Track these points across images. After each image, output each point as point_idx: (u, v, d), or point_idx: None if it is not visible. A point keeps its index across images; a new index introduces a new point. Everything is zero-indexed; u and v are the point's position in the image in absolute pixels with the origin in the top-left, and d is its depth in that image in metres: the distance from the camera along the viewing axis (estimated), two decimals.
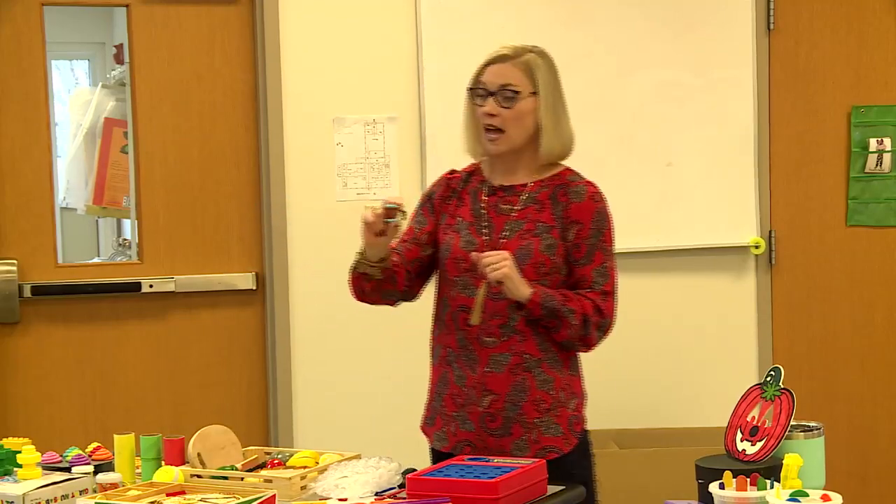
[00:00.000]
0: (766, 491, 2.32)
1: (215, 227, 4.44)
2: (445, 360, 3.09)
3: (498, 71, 3.04)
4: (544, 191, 3.03)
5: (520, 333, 2.97)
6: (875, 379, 4.84)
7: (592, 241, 2.99)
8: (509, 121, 3.01)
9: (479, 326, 2.97)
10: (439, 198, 3.15)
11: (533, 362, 2.98)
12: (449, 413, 3.07)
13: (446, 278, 3.08)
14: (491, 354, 2.99)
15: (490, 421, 3.00)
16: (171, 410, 4.39)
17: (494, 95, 3.02)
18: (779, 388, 2.61)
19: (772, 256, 4.80)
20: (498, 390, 2.98)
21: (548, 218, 2.99)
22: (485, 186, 3.10)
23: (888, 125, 4.77)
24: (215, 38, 4.41)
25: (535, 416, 2.98)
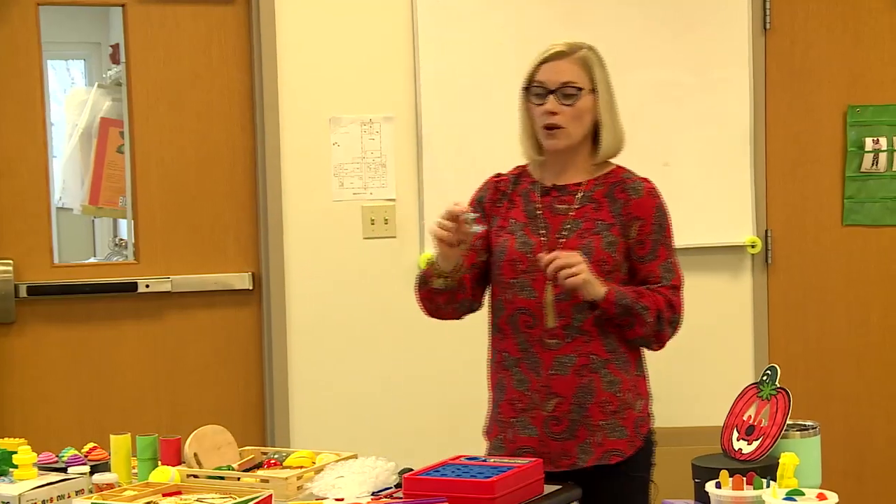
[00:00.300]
0: (763, 490, 2.32)
1: (211, 227, 4.44)
2: (502, 366, 3.03)
3: (555, 68, 2.98)
4: (599, 189, 2.99)
5: (585, 334, 2.93)
6: (871, 378, 4.84)
7: (655, 236, 2.95)
8: (570, 118, 2.96)
9: (542, 328, 2.93)
10: (489, 201, 3.09)
11: (599, 363, 2.93)
12: (506, 419, 3.01)
13: (501, 281, 3.01)
14: (555, 356, 2.93)
15: (554, 425, 2.94)
16: (168, 410, 4.39)
17: (554, 93, 2.97)
18: (775, 388, 2.61)
19: (768, 256, 4.80)
20: (563, 393, 2.93)
21: (606, 216, 2.95)
22: (536, 187, 3.04)
23: (884, 125, 4.77)
24: (212, 38, 4.41)
25: (601, 418, 2.93)
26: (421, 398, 4.54)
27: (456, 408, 4.55)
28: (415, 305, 4.54)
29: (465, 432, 4.51)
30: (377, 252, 4.50)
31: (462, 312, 3.11)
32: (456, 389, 4.55)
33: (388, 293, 4.50)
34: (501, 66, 4.55)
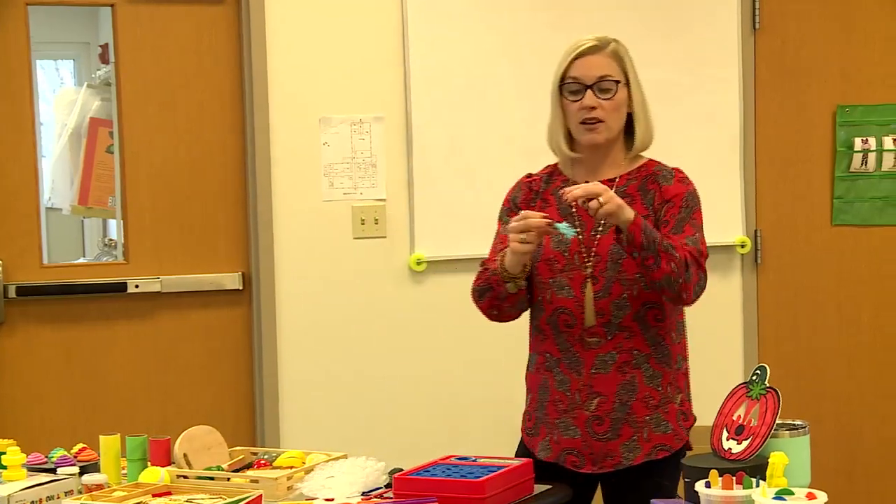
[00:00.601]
0: (752, 489, 2.32)
1: (202, 227, 4.43)
2: (544, 367, 2.99)
3: (589, 63, 2.96)
4: (633, 183, 2.97)
5: (626, 330, 2.90)
6: (861, 377, 4.85)
7: (682, 216, 2.91)
8: (609, 112, 2.94)
9: (582, 327, 2.90)
10: (523, 202, 3.06)
11: (642, 358, 2.91)
12: (552, 421, 2.98)
13: (539, 281, 2.98)
14: (597, 355, 2.91)
15: (597, 425, 2.91)
16: (158, 411, 4.38)
17: (591, 88, 2.94)
18: (764, 387, 2.61)
19: (758, 255, 4.81)
20: (606, 391, 2.90)
21: (640, 209, 2.92)
22: (569, 185, 2.98)
23: (873, 125, 4.78)
24: (201, 38, 4.40)
25: (645, 413, 2.91)
26: (411, 398, 4.54)
27: (446, 408, 4.56)
28: (405, 305, 4.57)
29: (456, 432, 4.53)
30: (367, 252, 4.50)
31: (522, 310, 3.05)
32: (447, 390, 4.56)
33: (379, 293, 4.50)
34: (492, 66, 4.56)
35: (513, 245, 2.84)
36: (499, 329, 3.30)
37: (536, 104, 4.55)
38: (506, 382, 4.53)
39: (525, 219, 2.82)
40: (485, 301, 3.00)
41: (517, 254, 2.85)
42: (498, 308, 3.00)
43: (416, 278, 4.54)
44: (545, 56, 4.54)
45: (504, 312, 3.01)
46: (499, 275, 2.92)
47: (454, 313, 4.52)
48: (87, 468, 2.87)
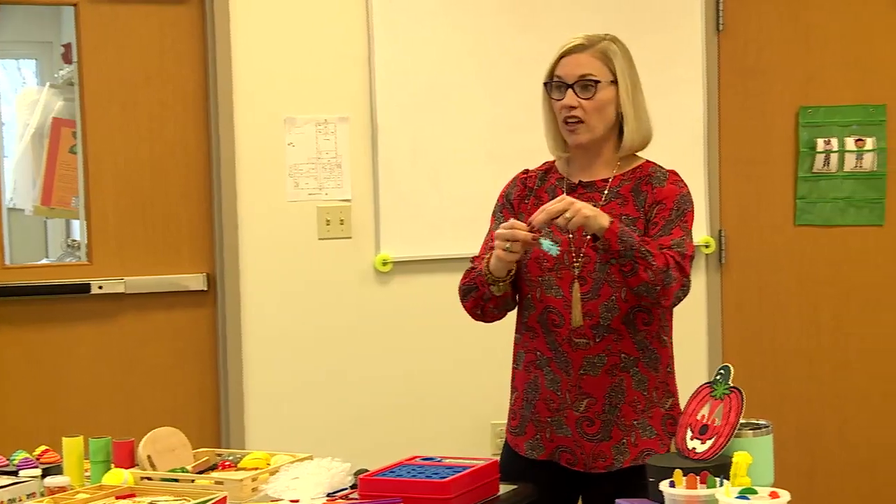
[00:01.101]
0: (716, 489, 2.33)
1: (166, 228, 4.42)
2: (534, 365, 2.97)
3: (574, 62, 2.93)
4: (626, 184, 2.95)
5: (614, 332, 2.88)
6: (822, 377, 4.88)
7: (672, 217, 2.88)
8: (590, 111, 2.91)
9: (569, 327, 2.88)
10: (517, 198, 3.04)
11: (630, 362, 2.89)
12: (543, 419, 2.96)
13: (528, 280, 2.96)
14: (585, 356, 2.89)
15: (588, 426, 2.91)
16: (122, 412, 4.36)
17: (572, 87, 2.92)
18: (728, 387, 2.62)
19: (721, 256, 4.83)
20: (595, 393, 2.89)
21: (632, 210, 2.91)
22: (563, 184, 2.99)
23: (835, 125, 4.81)
24: (165, 38, 4.38)
25: (633, 417, 2.90)
26: (377, 399, 4.53)
27: (412, 408, 4.55)
28: (371, 306, 4.56)
29: (421, 432, 4.53)
30: (332, 253, 4.49)
31: (507, 311, 3.03)
32: (412, 390, 4.56)
33: (344, 294, 4.50)
34: (457, 67, 4.56)
35: (497, 252, 2.84)
36: (464, 329, 3.30)
37: (502, 105, 4.59)
38: (471, 382, 4.55)
39: (512, 228, 2.81)
40: (469, 301, 2.99)
41: (502, 261, 2.85)
42: (482, 308, 2.98)
43: (382, 279, 4.53)
44: (510, 57, 4.59)
45: (488, 313, 3.00)
46: (484, 276, 2.92)
47: (420, 314, 4.52)
48: (49, 470, 2.85)
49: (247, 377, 4.42)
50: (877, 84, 4.82)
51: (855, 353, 4.87)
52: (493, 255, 2.86)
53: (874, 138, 4.80)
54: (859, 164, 4.80)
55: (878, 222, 4.83)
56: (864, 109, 4.81)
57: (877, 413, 4.87)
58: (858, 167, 4.80)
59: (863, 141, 4.80)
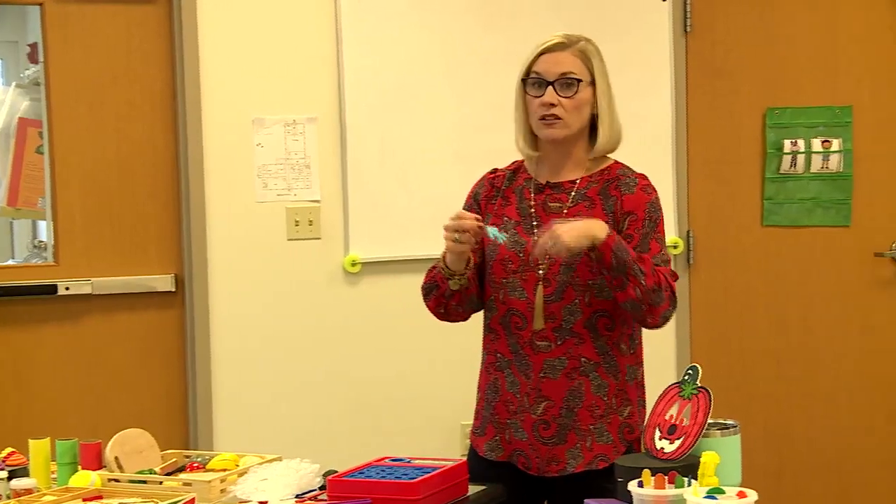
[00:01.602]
0: (684, 488, 2.34)
1: (133, 229, 4.39)
2: (495, 367, 2.97)
3: (554, 59, 2.92)
4: (594, 186, 2.94)
5: (576, 336, 2.88)
6: (789, 377, 4.91)
7: (646, 230, 2.88)
8: (569, 110, 2.91)
9: (532, 330, 2.89)
10: (484, 198, 3.03)
11: (590, 366, 2.89)
12: (503, 421, 2.96)
13: (493, 281, 2.96)
14: (545, 359, 2.89)
15: (543, 429, 2.90)
16: (89, 414, 4.33)
17: (553, 84, 2.91)
18: (696, 387, 2.63)
19: (689, 256, 4.85)
20: (553, 396, 2.89)
21: (599, 214, 2.89)
22: (531, 184, 2.99)
23: (801, 126, 4.84)
24: (132, 38, 4.36)
25: (590, 422, 2.89)
26: (346, 400, 4.53)
27: (381, 409, 4.55)
28: (340, 307, 4.55)
29: (390, 434, 4.52)
30: (301, 253, 4.48)
31: (472, 310, 3.03)
32: (381, 391, 4.55)
33: (313, 295, 4.49)
34: (425, 67, 4.56)
35: (448, 244, 2.85)
36: (434, 330, 3.30)
37: (470, 105, 4.59)
38: (440, 383, 4.55)
39: (459, 219, 2.82)
40: (431, 299, 3.00)
41: (453, 252, 2.86)
42: (445, 307, 2.98)
43: (351, 279, 4.53)
44: (478, 58, 4.59)
45: (451, 311, 2.99)
46: (442, 272, 2.92)
47: (389, 314, 4.52)
48: (15, 472, 2.83)
49: (215, 378, 4.40)
50: (843, 86, 4.85)
51: (822, 353, 4.90)
52: (446, 248, 2.87)
53: (840, 139, 4.83)
54: (826, 165, 4.83)
55: (844, 223, 4.87)
56: (830, 111, 4.84)
57: (843, 413, 4.91)
58: (825, 168, 4.83)
59: (829, 142, 4.83)
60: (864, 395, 4.90)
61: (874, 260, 4.88)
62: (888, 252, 4.87)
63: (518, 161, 3.08)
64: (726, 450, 2.52)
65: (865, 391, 4.90)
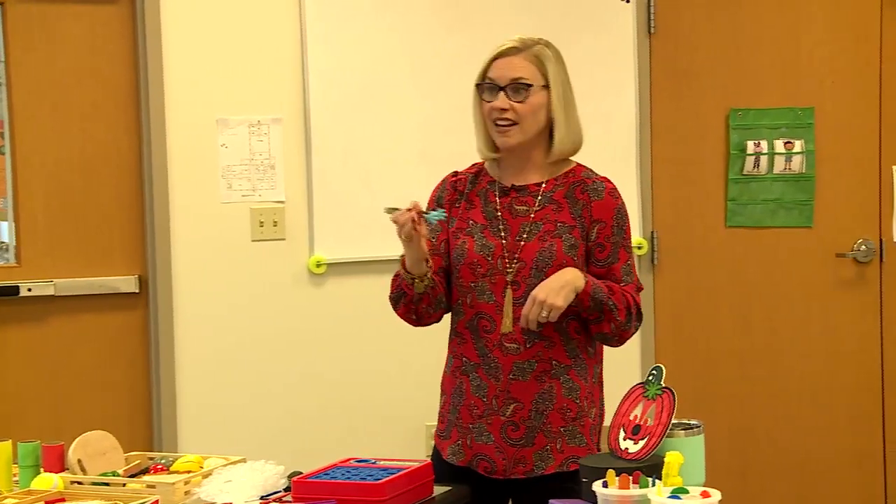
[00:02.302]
0: (648, 488, 2.35)
1: (97, 229, 4.37)
2: (461, 371, 2.96)
3: (507, 64, 2.91)
4: (560, 189, 2.94)
5: (546, 339, 2.88)
6: (753, 376, 4.93)
7: (616, 238, 2.91)
8: (522, 114, 2.90)
9: (501, 333, 2.88)
10: (447, 202, 3.03)
11: (561, 369, 2.90)
12: (465, 425, 2.95)
13: (461, 285, 2.95)
14: (515, 361, 2.88)
15: (512, 430, 2.90)
16: (52, 416, 4.31)
17: (504, 90, 2.91)
18: (660, 387, 2.64)
19: (654, 257, 4.87)
20: (523, 399, 2.89)
21: (567, 217, 2.91)
22: (495, 187, 2.99)
23: (764, 128, 4.87)
24: (95, 38, 4.34)
25: (561, 424, 2.90)
26: (311, 401, 4.52)
27: (346, 410, 4.55)
28: (305, 308, 4.54)
29: (355, 435, 4.52)
30: (266, 254, 4.47)
31: (442, 311, 3.01)
32: (346, 392, 4.55)
33: (278, 296, 4.48)
34: (390, 68, 4.56)
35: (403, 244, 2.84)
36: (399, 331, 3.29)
37: (434, 106, 4.60)
38: (405, 384, 4.55)
39: (396, 219, 2.81)
40: (400, 307, 2.99)
41: (406, 249, 2.85)
42: (416, 312, 2.98)
43: (316, 280, 4.52)
44: (442, 59, 4.60)
45: (423, 315, 2.99)
46: (405, 279, 2.91)
47: (354, 315, 4.52)
48: None
49: (179, 380, 4.39)
50: (805, 87, 4.89)
51: (785, 353, 4.93)
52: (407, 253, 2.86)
53: (803, 141, 4.86)
54: (788, 166, 4.86)
55: (806, 224, 4.90)
56: (792, 112, 4.87)
57: (806, 412, 4.94)
58: (787, 169, 4.86)
59: (792, 143, 4.86)
60: (827, 395, 4.93)
61: (836, 260, 4.92)
62: (850, 253, 4.91)
63: (478, 164, 3.08)
64: (690, 450, 2.52)
65: (828, 391, 4.93)
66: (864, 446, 4.94)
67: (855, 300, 4.94)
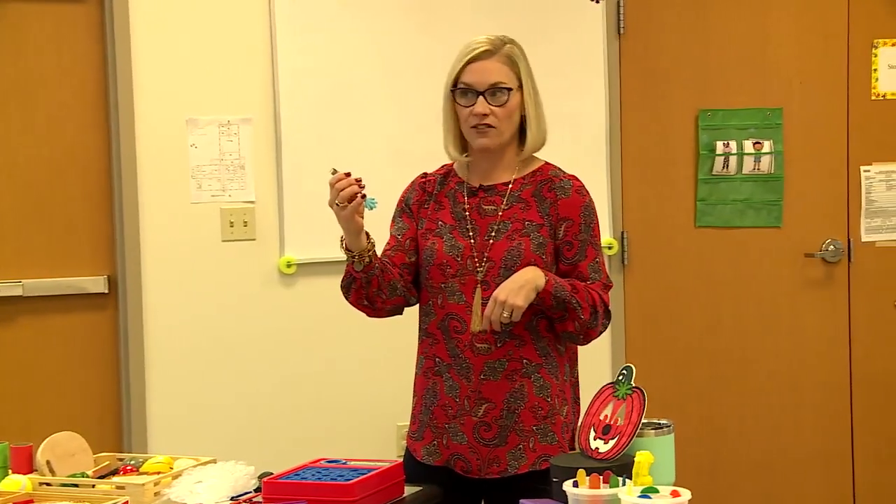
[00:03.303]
0: (619, 488, 2.36)
1: (65, 230, 4.35)
2: (433, 371, 2.97)
3: (483, 68, 2.90)
4: (527, 188, 2.95)
5: (517, 338, 2.89)
6: (722, 376, 4.95)
7: (583, 236, 2.92)
8: (502, 118, 2.90)
9: (472, 333, 2.88)
10: (416, 203, 3.03)
11: (532, 367, 2.90)
12: (440, 425, 2.96)
13: (431, 286, 2.96)
14: (486, 361, 2.89)
15: (485, 430, 2.90)
16: (20, 417, 4.28)
17: (483, 95, 2.90)
18: (631, 387, 2.65)
19: (624, 257, 4.88)
20: (494, 398, 2.89)
21: (535, 216, 2.91)
22: (463, 188, 2.99)
23: (733, 128, 4.89)
24: (63, 37, 4.32)
25: (533, 423, 2.90)
26: (281, 401, 4.51)
27: (316, 411, 4.54)
28: (275, 308, 4.53)
29: (326, 435, 4.51)
30: (236, 254, 4.46)
31: (399, 299, 2.98)
32: (317, 392, 4.54)
33: (248, 296, 4.47)
34: (359, 68, 4.55)
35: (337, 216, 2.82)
36: (369, 331, 3.30)
37: (405, 106, 4.60)
38: (376, 384, 4.55)
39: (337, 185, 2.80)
40: (351, 294, 2.98)
41: (341, 220, 2.82)
42: (367, 297, 2.95)
43: (286, 281, 4.51)
44: (413, 58, 4.60)
45: (375, 301, 2.96)
46: (347, 257, 2.89)
47: (324, 316, 4.51)
48: None
49: (149, 380, 4.37)
50: (774, 88, 4.91)
51: (754, 352, 4.95)
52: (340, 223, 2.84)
53: (771, 141, 4.89)
54: (757, 166, 4.88)
55: (775, 224, 4.92)
56: (761, 113, 4.90)
57: (775, 411, 4.96)
58: (756, 170, 4.89)
59: (760, 144, 4.88)
60: (796, 394, 4.96)
61: (804, 260, 4.94)
62: (818, 253, 4.94)
63: (447, 165, 3.09)
64: (660, 449, 2.53)
65: (797, 390, 4.96)
66: (832, 445, 4.97)
67: (824, 300, 4.96)
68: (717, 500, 4.89)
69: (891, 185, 4.95)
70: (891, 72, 4.94)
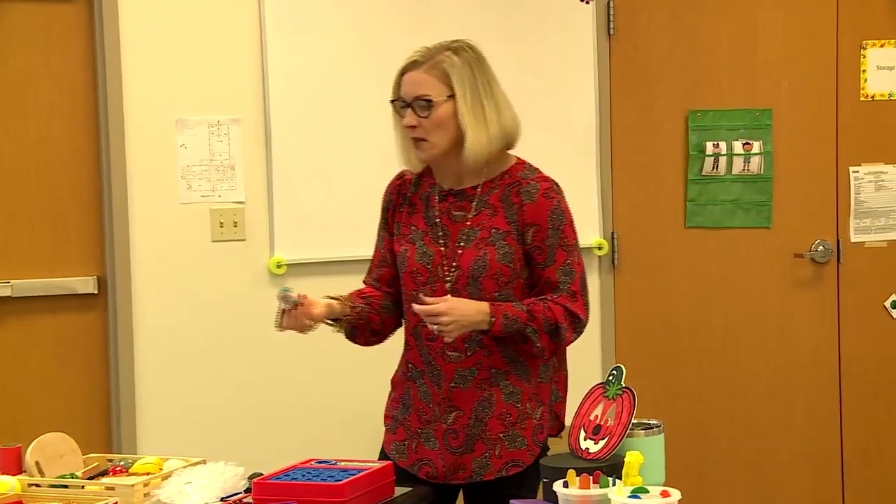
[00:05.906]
0: (609, 488, 2.36)
1: (54, 230, 4.34)
2: (408, 377, 2.99)
3: (411, 80, 2.90)
4: (495, 192, 2.91)
5: (486, 348, 2.88)
6: (711, 377, 4.96)
7: (551, 241, 2.87)
8: (429, 129, 2.87)
9: (443, 341, 2.87)
10: (392, 207, 3.04)
11: (500, 375, 2.89)
12: (413, 429, 2.98)
13: (404, 293, 2.97)
14: (456, 369, 2.89)
15: (453, 438, 2.91)
16: (9, 418, 4.27)
17: (411, 106, 2.89)
18: (621, 387, 2.65)
19: (614, 257, 4.89)
20: (463, 406, 2.90)
21: (501, 223, 2.88)
22: (436, 191, 2.98)
23: (722, 129, 4.89)
24: (51, 37, 4.31)
25: (501, 430, 2.90)
26: (271, 402, 4.51)
27: (306, 412, 4.54)
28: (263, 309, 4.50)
29: (316, 436, 4.51)
30: (226, 255, 4.45)
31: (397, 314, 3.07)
32: (306, 393, 4.54)
33: (237, 296, 4.46)
34: (349, 68, 4.55)
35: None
36: None
37: None
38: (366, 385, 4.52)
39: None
40: (359, 341, 3.07)
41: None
42: (372, 337, 3.06)
43: (276, 281, 4.50)
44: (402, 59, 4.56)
45: (380, 332, 3.06)
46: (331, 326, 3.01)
47: None
48: None
49: (138, 381, 4.36)
50: (763, 89, 4.92)
51: (743, 352, 4.96)
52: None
53: (761, 142, 4.90)
54: (747, 167, 4.89)
55: (765, 224, 4.93)
56: (750, 114, 4.90)
57: (764, 411, 4.97)
58: (746, 170, 4.89)
59: (750, 144, 4.89)
60: (785, 394, 4.97)
61: (794, 261, 4.95)
62: (808, 253, 4.95)
63: None
64: (650, 449, 2.54)
65: (786, 390, 4.97)
66: (821, 445, 4.98)
67: (813, 300, 4.98)
68: (706, 500, 4.90)
69: (879, 186, 4.96)
70: (879, 73, 4.95)
